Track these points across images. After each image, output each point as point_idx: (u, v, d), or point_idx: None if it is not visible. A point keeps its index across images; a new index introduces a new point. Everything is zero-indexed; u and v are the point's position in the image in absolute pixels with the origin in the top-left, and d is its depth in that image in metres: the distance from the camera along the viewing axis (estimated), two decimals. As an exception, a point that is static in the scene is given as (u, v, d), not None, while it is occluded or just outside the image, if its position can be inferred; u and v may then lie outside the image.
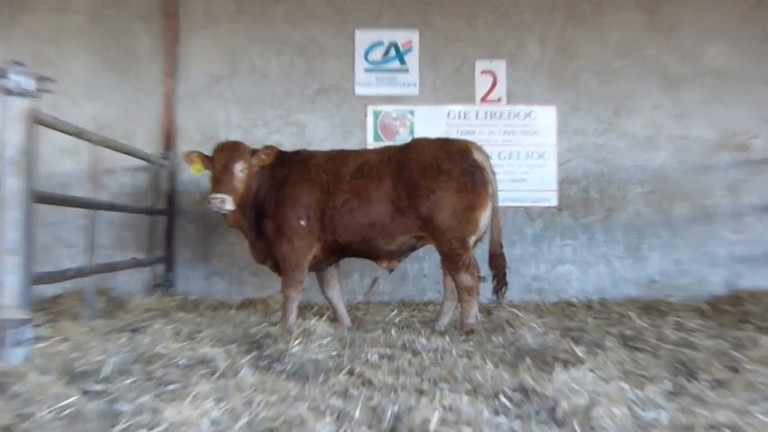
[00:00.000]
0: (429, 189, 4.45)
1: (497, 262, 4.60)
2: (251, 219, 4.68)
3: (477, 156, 4.54)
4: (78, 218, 6.34)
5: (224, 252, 6.60)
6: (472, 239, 4.51)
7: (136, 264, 5.78)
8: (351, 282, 6.41)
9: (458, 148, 4.54)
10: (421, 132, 6.50)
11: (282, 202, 4.59)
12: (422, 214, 4.46)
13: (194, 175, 4.86)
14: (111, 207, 5.51)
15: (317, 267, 4.86)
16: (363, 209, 4.52)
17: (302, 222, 4.56)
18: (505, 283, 4.61)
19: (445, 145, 4.58)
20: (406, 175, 4.49)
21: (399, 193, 4.50)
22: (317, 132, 6.67)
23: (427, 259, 6.42)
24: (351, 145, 6.54)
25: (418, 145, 4.63)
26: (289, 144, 6.42)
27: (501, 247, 4.66)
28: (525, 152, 6.60)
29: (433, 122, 6.49)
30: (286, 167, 4.69)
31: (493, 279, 4.56)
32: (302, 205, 4.59)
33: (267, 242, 4.70)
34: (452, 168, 4.43)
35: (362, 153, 4.80)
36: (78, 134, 4.65)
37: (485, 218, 4.52)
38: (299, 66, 6.66)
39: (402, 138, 6.53)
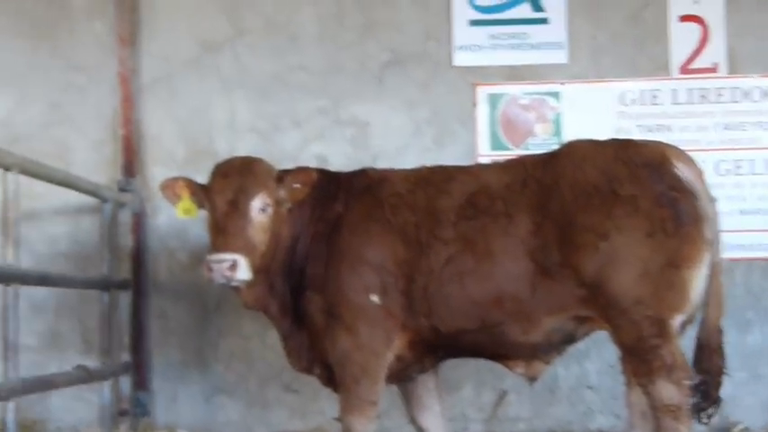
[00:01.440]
0: (597, 232, 3.48)
1: (711, 360, 3.67)
2: (283, 293, 3.81)
3: (683, 170, 3.59)
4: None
5: (235, 352, 5.35)
6: (677, 320, 3.51)
7: (84, 376, 4.74)
8: (460, 400, 5.36)
9: (646, 157, 3.59)
10: (574, 130, 5.22)
11: (336, 261, 3.71)
12: (586, 277, 3.49)
13: (180, 219, 4.02)
14: (40, 279, 4.52)
15: (402, 376, 3.92)
16: (481, 272, 3.59)
17: (373, 298, 3.63)
18: (717, 399, 3.66)
19: (623, 152, 3.62)
20: (556, 209, 3.55)
21: (544, 240, 3.55)
22: (388, 136, 5.40)
23: (593, 357, 5.25)
24: (450, 156, 5.09)
25: (574, 153, 3.68)
26: (340, 159, 5.23)
27: (720, 333, 3.68)
28: (766, 161, 5.45)
29: (594, 112, 5.33)
30: (340, 201, 3.80)
31: (698, 388, 3.62)
32: (372, 267, 3.66)
33: (312, 333, 3.81)
34: (639, 194, 3.49)
35: (475, 171, 3.86)
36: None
37: (699, 282, 3.53)
38: (352, 20, 5.52)
39: (541, 142, 5.28)
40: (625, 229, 3.49)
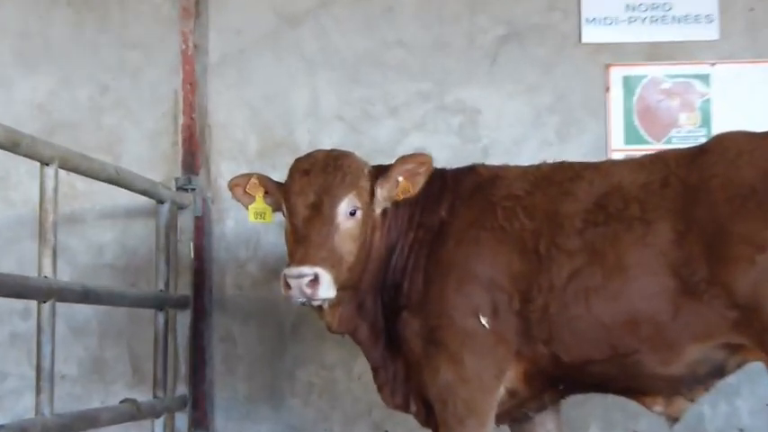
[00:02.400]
0: (754, 243, 3.20)
1: None
2: (374, 315, 3.56)
3: None
4: (13, 316, 5.19)
5: (315, 384, 4.95)
6: None
7: (133, 412, 4.44)
8: (581, 444, 5.21)
9: None
10: (725, 120, 4.81)
11: (439, 276, 3.43)
12: (739, 297, 3.19)
13: (252, 224, 3.95)
14: (82, 295, 4.13)
15: (516, 415, 3.65)
16: (612, 289, 3.28)
17: (483, 321, 3.37)
18: None
19: None
20: (703, 214, 3.28)
21: (689, 251, 3.25)
22: (502, 126, 4.98)
23: (745, 394, 4.85)
24: (576, 151, 4.68)
25: (727, 147, 3.38)
26: (444, 153, 4.69)
27: None
28: None
29: (750, 98, 4.89)
30: (444, 204, 3.55)
31: None
32: (482, 283, 3.40)
33: (409, 363, 3.52)
34: None
35: (605, 169, 3.53)
36: (9, 142, 3.58)
37: None
38: (460, -13, 5.49)
39: (686, 134, 4.90)
40: None
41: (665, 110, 4.89)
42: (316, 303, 3.42)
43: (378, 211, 3.52)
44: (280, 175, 3.64)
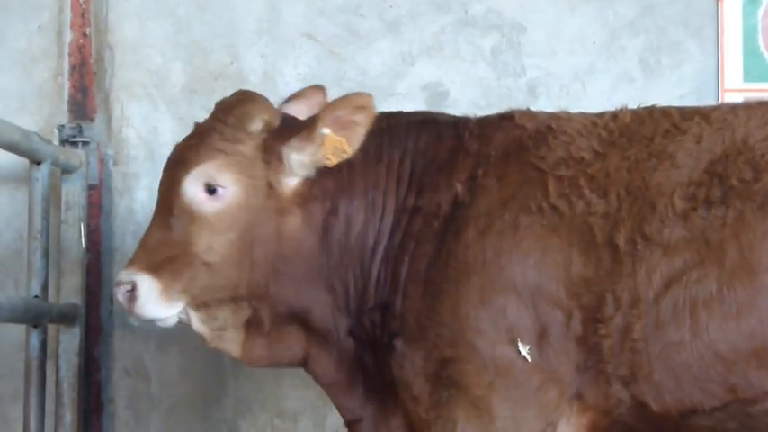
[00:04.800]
0: None
1: None
2: (340, 341, 3.08)
3: None
4: None
5: None
6: None
7: None
8: None
9: None
10: None
11: (451, 283, 2.90)
12: None
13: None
14: None
15: None
16: (735, 301, 2.72)
17: (523, 350, 2.83)
18: None
19: None
20: None
21: None
22: (558, 51, 3.94)
23: None
24: (671, 92, 3.78)
25: None
26: (470, 92, 3.89)
27: None
28: None
29: None
30: (459, 174, 2.98)
31: None
32: (520, 294, 2.85)
33: (410, 416, 3.00)
34: None
35: (721, 118, 2.92)
36: None
37: None
38: None
39: None
40: None
41: None
42: (161, 324, 2.95)
43: (291, 183, 2.91)
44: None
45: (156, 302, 2.92)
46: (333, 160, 2.86)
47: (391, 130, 2.99)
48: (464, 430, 2.84)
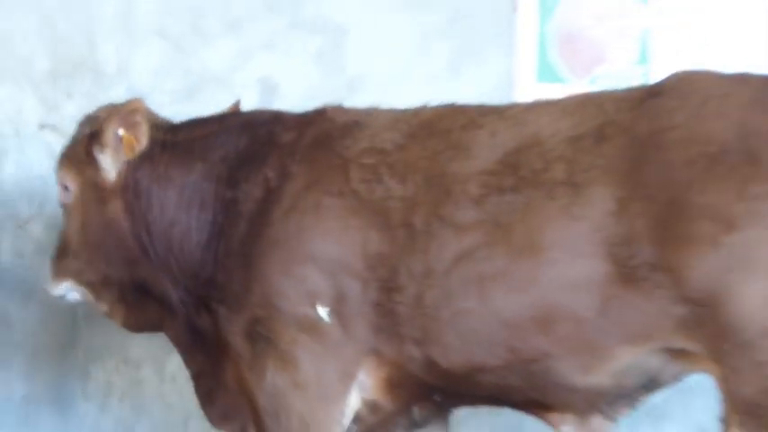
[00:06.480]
0: (721, 218, 2.85)
1: None
2: (183, 307, 3.41)
3: None
4: None
5: (115, 386, 4.41)
6: None
7: None
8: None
9: None
10: (669, 57, 4.32)
11: (260, 255, 3.19)
12: (693, 288, 2.85)
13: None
14: None
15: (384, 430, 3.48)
16: (520, 275, 2.98)
17: (322, 311, 3.10)
18: None
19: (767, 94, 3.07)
20: (654, 178, 2.94)
21: (631, 226, 2.92)
22: (375, 52, 4.32)
23: (676, 415, 4.34)
24: (473, 90, 4.04)
25: (690, 91, 3.04)
26: (299, 87, 4.24)
27: None
28: None
29: (704, 30, 4.39)
30: (270, 161, 3.26)
31: None
32: (320, 265, 3.12)
33: (239, 371, 3.32)
34: None
35: (515, 115, 3.16)
36: None
37: None
38: None
39: (618, 73, 4.39)
40: (765, 218, 2.78)
41: (591, 40, 4.27)
42: (65, 299, 3.43)
43: (109, 176, 3.26)
44: (76, 105, 3.55)
45: (49, 282, 3.42)
46: (130, 154, 3.27)
47: (218, 134, 3.36)
48: (273, 377, 3.14)
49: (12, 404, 4.27)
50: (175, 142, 3.34)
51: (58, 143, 3.92)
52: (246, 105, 3.48)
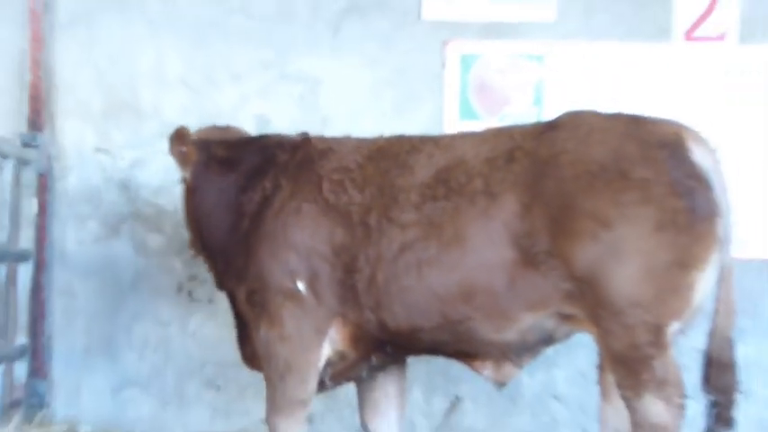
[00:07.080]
0: (599, 218, 3.30)
1: (723, 376, 3.52)
2: (221, 274, 3.89)
3: (701, 156, 3.40)
4: None
5: (150, 339, 5.09)
6: (674, 328, 3.36)
7: None
8: (407, 405, 4.62)
9: (662, 136, 3.38)
10: (557, 100, 5.03)
11: (256, 243, 3.66)
12: (577, 270, 3.31)
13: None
14: None
15: (352, 375, 3.84)
16: (447, 260, 3.42)
17: (299, 285, 3.58)
18: (732, 421, 3.47)
19: (635, 128, 3.42)
20: (550, 188, 3.37)
21: (532, 224, 3.38)
22: (342, 97, 5.14)
23: (563, 363, 5.04)
24: (412, 124, 4.82)
25: (579, 124, 3.48)
26: (285, 121, 4.91)
27: (732, 345, 3.52)
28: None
29: (585, 80, 5.08)
30: (269, 175, 3.71)
31: (713, 408, 3.50)
32: (298, 252, 3.59)
33: (246, 325, 3.80)
34: (651, 179, 3.31)
35: (446, 143, 3.67)
36: None
37: (704, 286, 3.37)
38: (300, -45, 5.41)
39: (518, 112, 5.06)
40: (632, 219, 3.33)
41: (499, 88, 4.98)
42: None
43: (188, 178, 3.81)
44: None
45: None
46: (190, 164, 3.81)
47: (246, 153, 3.84)
48: (266, 332, 3.64)
49: (74, 354, 4.96)
50: (221, 156, 3.84)
51: (108, 162, 4.73)
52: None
